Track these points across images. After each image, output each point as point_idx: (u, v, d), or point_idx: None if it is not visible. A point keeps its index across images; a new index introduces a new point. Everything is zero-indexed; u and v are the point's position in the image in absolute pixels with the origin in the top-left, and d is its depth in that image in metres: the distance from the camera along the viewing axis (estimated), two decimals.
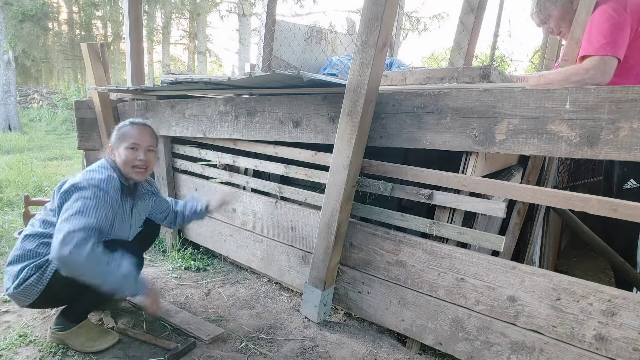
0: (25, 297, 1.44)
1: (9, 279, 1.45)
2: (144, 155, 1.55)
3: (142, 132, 1.58)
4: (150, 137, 1.61)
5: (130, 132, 1.56)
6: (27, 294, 1.43)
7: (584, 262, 3.09)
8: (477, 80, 1.56)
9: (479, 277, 1.42)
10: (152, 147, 1.61)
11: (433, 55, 7.11)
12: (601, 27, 1.65)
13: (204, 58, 14.86)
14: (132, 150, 1.54)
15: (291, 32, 3.32)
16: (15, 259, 1.48)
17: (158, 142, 1.70)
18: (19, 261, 1.46)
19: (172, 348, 1.50)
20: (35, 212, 2.44)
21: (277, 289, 2.15)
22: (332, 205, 1.67)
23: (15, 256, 1.48)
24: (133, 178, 1.57)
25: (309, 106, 1.76)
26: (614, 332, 1.17)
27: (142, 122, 1.63)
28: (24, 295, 1.43)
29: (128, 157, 1.53)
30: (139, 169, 1.55)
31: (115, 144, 1.57)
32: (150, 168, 1.61)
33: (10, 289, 1.44)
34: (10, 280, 1.44)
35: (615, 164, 1.83)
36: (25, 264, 1.44)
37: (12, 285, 1.43)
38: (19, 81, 14.54)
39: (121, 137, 1.57)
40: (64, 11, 14.66)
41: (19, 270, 1.43)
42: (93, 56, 2.91)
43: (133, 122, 1.61)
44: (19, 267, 1.44)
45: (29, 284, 1.41)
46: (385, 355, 1.60)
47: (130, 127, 1.58)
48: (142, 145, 1.56)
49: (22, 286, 1.41)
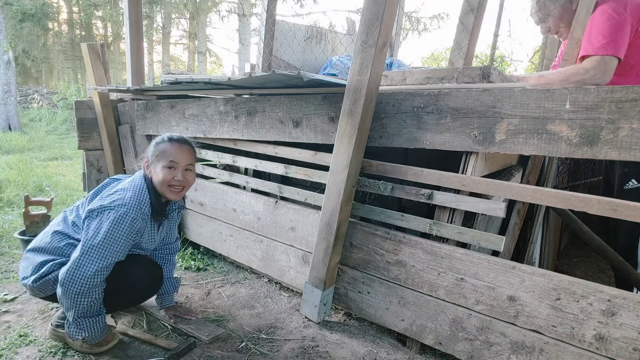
0: (41, 291, 1.47)
1: (29, 267, 1.47)
2: (181, 176, 1.48)
3: (180, 150, 1.50)
4: (189, 156, 1.53)
5: (168, 150, 1.48)
6: (43, 288, 1.46)
7: (584, 262, 3.09)
8: (477, 80, 1.56)
9: (479, 277, 1.42)
10: (191, 166, 1.53)
11: (433, 55, 7.11)
12: (601, 27, 1.65)
13: (204, 58, 14.87)
14: (170, 170, 1.46)
15: (291, 32, 3.32)
16: (40, 248, 1.49)
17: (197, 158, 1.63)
18: (44, 252, 1.48)
19: (173, 348, 1.50)
20: (35, 212, 2.44)
21: (277, 289, 2.15)
22: (332, 205, 1.67)
23: (41, 247, 1.49)
24: (168, 198, 1.52)
25: (309, 106, 1.76)
26: (614, 332, 1.17)
27: (181, 139, 1.53)
28: (40, 290, 1.46)
29: (165, 177, 1.45)
30: (175, 188, 1.49)
31: (152, 160, 1.49)
32: (187, 188, 1.54)
33: (28, 279, 1.45)
34: (30, 270, 1.46)
35: (616, 164, 1.83)
36: (50, 259, 1.46)
37: (31, 277, 1.44)
38: (19, 81, 14.55)
39: (159, 154, 1.48)
40: (64, 11, 14.67)
41: (41, 263, 1.45)
42: (93, 56, 2.91)
43: (172, 138, 1.52)
44: (41, 259, 1.46)
45: (47, 279, 1.44)
46: (385, 355, 1.60)
47: (168, 144, 1.49)
48: (180, 165, 1.48)
49: (41, 281, 1.44)
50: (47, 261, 1.45)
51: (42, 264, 1.45)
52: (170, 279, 1.77)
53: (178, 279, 1.82)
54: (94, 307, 1.40)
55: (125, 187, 1.47)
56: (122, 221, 1.37)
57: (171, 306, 1.76)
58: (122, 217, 1.37)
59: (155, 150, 1.51)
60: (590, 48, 1.65)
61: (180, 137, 1.55)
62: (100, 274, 1.36)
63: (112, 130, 2.89)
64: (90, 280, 1.34)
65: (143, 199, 1.45)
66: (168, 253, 1.81)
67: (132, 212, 1.39)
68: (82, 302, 1.35)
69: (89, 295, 1.35)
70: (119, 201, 1.39)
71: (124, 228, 1.37)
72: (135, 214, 1.40)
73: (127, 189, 1.45)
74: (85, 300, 1.35)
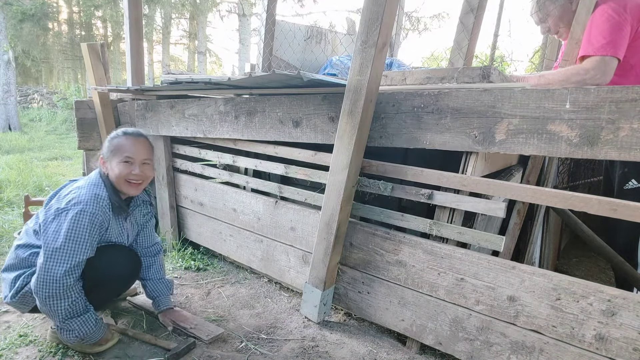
0: (24, 305, 1.46)
1: (6, 286, 1.46)
2: (139, 170, 1.46)
3: (136, 144, 1.47)
4: (145, 150, 1.50)
5: (124, 145, 1.45)
6: (24, 301, 1.44)
7: (584, 262, 3.09)
8: (477, 80, 1.56)
9: (479, 277, 1.42)
10: (148, 160, 1.51)
11: (433, 55, 7.11)
12: (601, 27, 1.65)
13: (204, 58, 14.87)
14: (126, 164, 1.44)
15: (291, 32, 3.32)
16: (9, 266, 1.49)
17: (154, 152, 1.60)
18: (14, 269, 1.47)
19: (172, 348, 1.50)
20: (35, 212, 2.44)
21: (277, 289, 2.15)
22: (332, 205, 1.67)
23: (9, 264, 1.49)
24: (127, 193, 1.49)
25: (309, 106, 1.76)
26: (614, 332, 1.17)
27: (136, 133, 1.51)
28: (22, 304, 1.45)
29: (122, 172, 1.43)
30: (133, 183, 1.47)
31: (108, 156, 1.46)
32: (145, 182, 1.52)
33: (7, 297, 1.45)
34: (7, 289, 1.46)
35: (616, 165, 1.83)
36: (20, 273, 1.44)
37: (9, 294, 1.44)
38: (19, 81, 14.55)
39: (114, 149, 1.46)
40: (64, 11, 14.66)
41: (14, 278, 1.44)
42: (93, 56, 2.91)
43: (126, 132, 1.49)
44: (13, 275, 1.44)
45: (24, 292, 1.42)
46: (385, 355, 1.60)
47: (123, 138, 1.47)
48: (136, 159, 1.46)
49: (18, 295, 1.42)
50: (19, 275, 1.43)
51: (15, 278, 1.43)
52: (161, 280, 1.74)
53: (171, 280, 1.79)
54: (77, 307, 1.37)
55: (80, 186, 1.44)
56: (81, 218, 1.34)
57: (168, 310, 1.72)
58: (79, 214, 1.34)
59: (110, 145, 1.47)
60: (590, 48, 1.65)
61: (136, 130, 1.53)
62: (71, 274, 1.32)
63: (112, 130, 2.89)
64: (60, 282, 1.30)
65: (100, 193, 1.42)
66: (152, 255, 1.76)
67: (90, 207, 1.36)
68: (61, 305, 1.32)
69: (65, 298, 1.32)
70: (75, 199, 1.36)
71: (84, 224, 1.34)
72: (93, 208, 1.36)
73: (81, 187, 1.42)
74: (63, 302, 1.32)
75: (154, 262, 1.76)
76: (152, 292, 1.71)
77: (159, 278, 1.74)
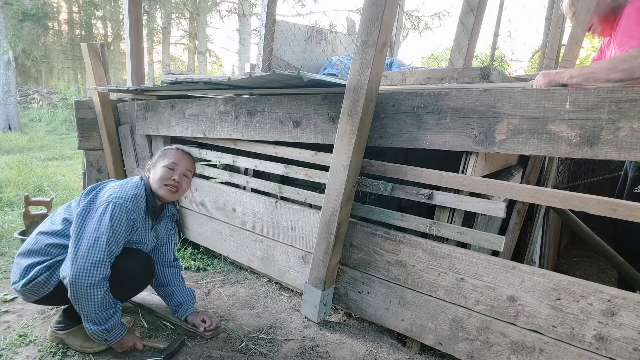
0: (32, 295, 1.47)
1: (18, 272, 1.47)
2: (178, 177, 1.58)
3: (184, 156, 1.64)
4: (189, 163, 1.65)
5: (173, 154, 1.62)
6: (34, 291, 1.46)
7: (584, 262, 3.09)
8: (477, 80, 1.56)
9: (479, 277, 1.42)
10: (189, 173, 1.65)
11: (433, 55, 7.12)
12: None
13: (204, 58, 14.87)
14: (169, 170, 1.58)
15: (291, 32, 3.33)
16: (27, 252, 1.49)
17: (195, 172, 1.74)
18: (30, 255, 1.48)
19: (166, 347, 1.50)
20: (35, 212, 2.44)
21: (277, 289, 2.15)
22: (332, 205, 1.67)
23: (27, 249, 1.50)
24: (162, 196, 1.57)
25: (309, 106, 1.76)
26: (614, 332, 1.17)
27: (187, 151, 1.68)
28: (31, 293, 1.46)
29: (163, 175, 1.56)
30: (170, 187, 1.57)
31: (155, 162, 1.62)
32: (181, 192, 1.62)
33: (18, 284, 1.45)
34: (19, 275, 1.46)
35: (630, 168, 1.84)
36: (36, 262, 1.46)
37: (20, 282, 1.45)
38: (19, 81, 14.56)
39: (163, 155, 1.62)
40: (64, 11, 14.68)
41: (29, 266, 1.45)
42: (93, 56, 2.91)
43: (179, 147, 1.68)
44: (29, 262, 1.46)
45: (37, 282, 1.44)
46: (385, 355, 1.60)
47: (174, 150, 1.65)
48: (179, 167, 1.60)
49: (30, 284, 1.43)
50: (34, 264, 1.45)
51: (30, 267, 1.45)
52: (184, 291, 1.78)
53: (193, 290, 1.84)
54: (110, 298, 1.41)
55: (122, 184, 1.54)
56: (121, 212, 1.43)
57: (195, 312, 1.73)
58: (120, 207, 1.43)
59: (161, 153, 1.65)
60: (634, 41, 1.62)
61: (188, 149, 1.71)
62: (106, 265, 1.39)
63: (112, 130, 2.89)
64: (99, 270, 1.36)
65: (139, 193, 1.52)
66: (175, 267, 1.82)
67: (129, 203, 1.46)
68: (97, 294, 1.36)
69: (101, 287, 1.36)
70: (116, 194, 1.47)
71: (122, 218, 1.43)
72: (132, 205, 1.47)
73: (124, 185, 1.53)
74: (99, 292, 1.36)
75: (178, 273, 1.82)
76: (180, 298, 1.75)
77: (184, 286, 1.81)
